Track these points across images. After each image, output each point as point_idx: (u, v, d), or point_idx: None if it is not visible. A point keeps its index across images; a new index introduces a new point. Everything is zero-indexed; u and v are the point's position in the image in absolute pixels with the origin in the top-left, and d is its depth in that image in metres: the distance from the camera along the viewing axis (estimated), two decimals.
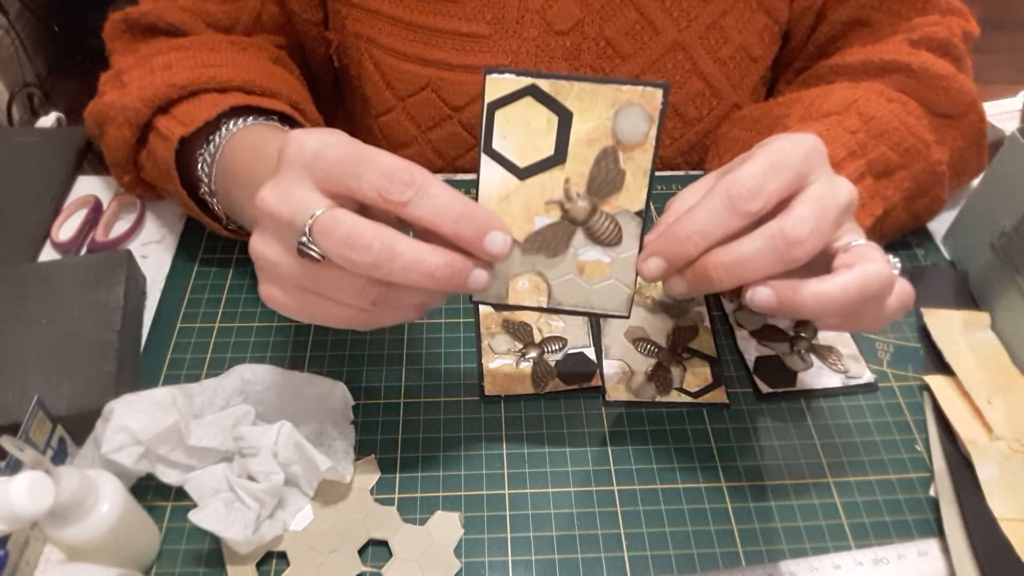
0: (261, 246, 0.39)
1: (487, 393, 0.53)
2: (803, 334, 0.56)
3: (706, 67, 0.64)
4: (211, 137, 0.53)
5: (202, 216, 0.57)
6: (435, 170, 0.70)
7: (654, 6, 0.61)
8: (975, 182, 0.61)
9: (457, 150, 0.68)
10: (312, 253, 0.37)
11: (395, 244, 0.36)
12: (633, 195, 0.39)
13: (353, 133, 0.41)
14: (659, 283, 0.59)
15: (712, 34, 0.63)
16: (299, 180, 0.37)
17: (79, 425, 0.47)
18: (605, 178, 0.39)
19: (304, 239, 0.37)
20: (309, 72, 0.71)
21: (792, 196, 0.38)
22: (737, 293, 0.54)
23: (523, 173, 0.39)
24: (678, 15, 0.62)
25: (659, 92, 0.37)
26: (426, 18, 0.62)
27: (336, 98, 0.77)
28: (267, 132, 0.52)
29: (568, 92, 0.37)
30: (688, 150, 0.69)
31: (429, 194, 0.36)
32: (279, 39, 0.66)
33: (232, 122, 0.53)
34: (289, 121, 0.56)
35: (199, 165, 0.54)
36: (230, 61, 0.58)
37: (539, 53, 0.63)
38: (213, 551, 0.45)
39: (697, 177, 0.69)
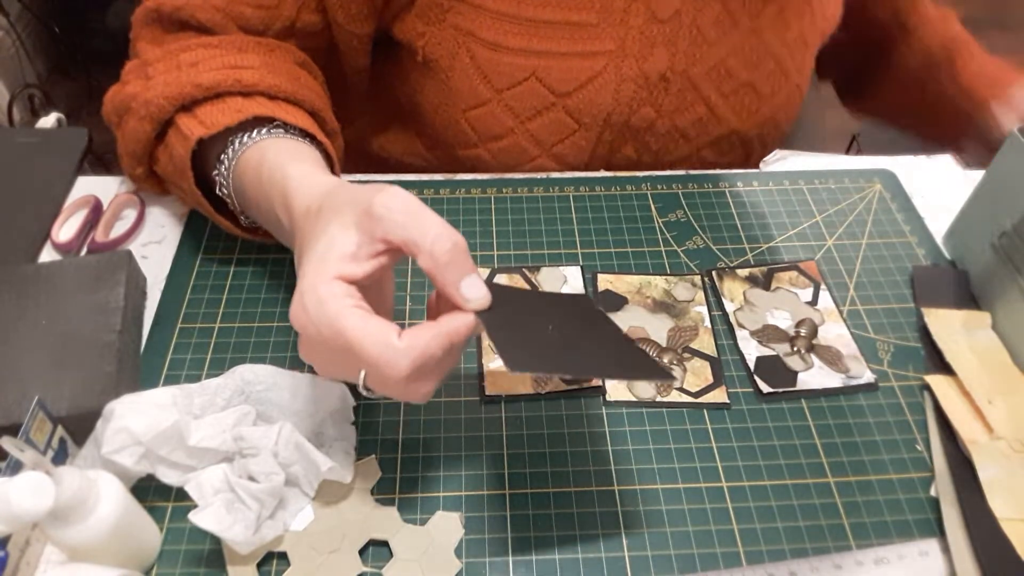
0: (304, 352, 0.43)
1: (487, 393, 0.53)
2: (803, 333, 0.56)
3: (776, 48, 0.70)
4: (231, 139, 0.54)
5: (214, 215, 0.57)
6: (529, 159, 0.71)
7: (734, 2, 0.67)
8: (976, 181, 0.61)
9: (556, 137, 0.69)
10: (375, 398, 0.44)
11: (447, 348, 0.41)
12: None
13: (429, 128, 0.44)
14: (659, 284, 0.59)
15: (777, 23, 0.70)
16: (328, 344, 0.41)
17: (79, 425, 0.47)
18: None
19: (365, 392, 0.42)
20: (342, 76, 0.70)
21: None
22: None
23: None
24: (751, 7, 0.68)
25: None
26: (533, 11, 0.64)
27: (369, 101, 0.77)
28: (283, 155, 0.52)
29: None
30: (763, 123, 0.74)
31: None
32: (311, 43, 0.65)
33: (248, 134, 0.54)
34: (307, 135, 0.56)
35: (217, 167, 0.55)
36: (257, 63, 0.58)
37: (642, 40, 0.66)
38: (214, 551, 0.45)
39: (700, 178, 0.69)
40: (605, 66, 0.65)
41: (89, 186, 0.67)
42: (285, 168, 0.49)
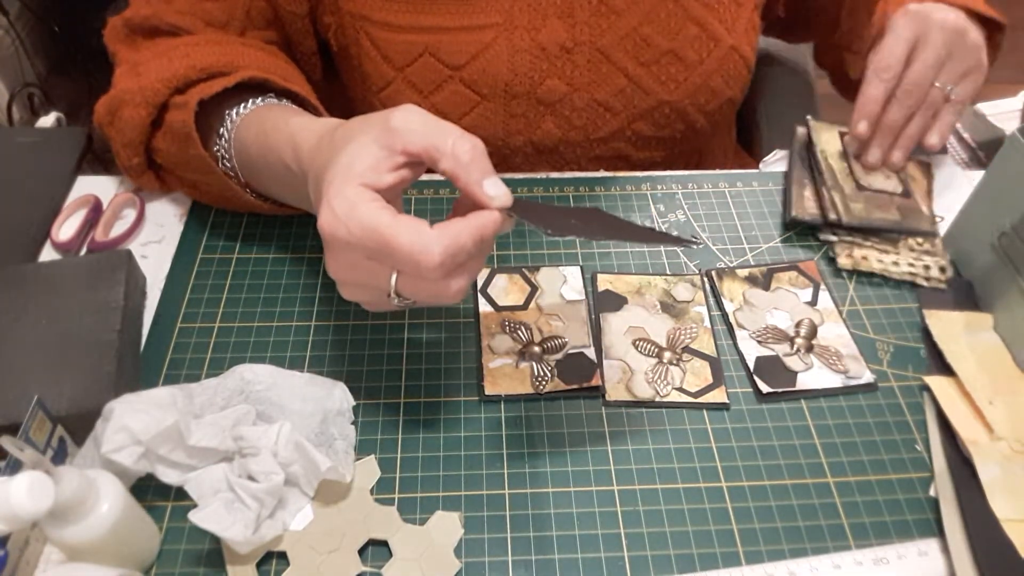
0: (333, 264, 0.43)
1: (487, 393, 0.53)
2: (802, 333, 0.56)
3: (696, 12, 0.67)
4: (228, 112, 0.56)
5: (226, 180, 0.57)
6: None
7: None
8: (976, 181, 0.61)
9: (461, 110, 0.69)
10: (408, 303, 0.43)
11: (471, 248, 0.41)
12: None
13: (354, 115, 0.45)
14: (658, 284, 0.59)
15: None
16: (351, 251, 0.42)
17: (79, 425, 0.47)
18: None
19: (395, 300, 0.43)
20: (299, 68, 0.72)
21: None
22: None
23: None
24: None
25: None
26: None
27: (326, 93, 0.77)
28: (285, 111, 0.54)
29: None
30: (694, 91, 0.71)
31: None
32: (269, 35, 0.67)
33: (244, 104, 0.55)
34: (299, 102, 0.58)
35: (217, 142, 0.56)
36: (243, 52, 0.60)
37: (531, 11, 0.65)
38: (213, 551, 0.46)
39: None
40: (494, 38, 0.65)
41: (89, 185, 0.67)
42: (289, 120, 0.51)
